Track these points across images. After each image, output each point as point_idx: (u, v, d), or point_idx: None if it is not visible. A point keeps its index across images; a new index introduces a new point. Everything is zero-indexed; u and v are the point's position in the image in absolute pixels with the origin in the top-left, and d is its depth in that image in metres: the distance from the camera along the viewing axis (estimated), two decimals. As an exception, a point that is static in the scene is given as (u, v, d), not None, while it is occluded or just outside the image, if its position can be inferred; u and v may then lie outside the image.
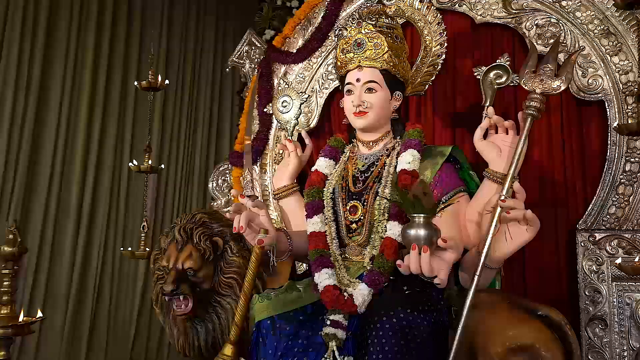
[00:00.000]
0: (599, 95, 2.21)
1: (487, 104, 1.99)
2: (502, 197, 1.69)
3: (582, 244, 2.16)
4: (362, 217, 1.95)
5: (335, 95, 2.92)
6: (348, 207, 1.99)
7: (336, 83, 2.85)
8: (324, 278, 1.86)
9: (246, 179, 2.33)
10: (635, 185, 2.12)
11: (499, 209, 1.69)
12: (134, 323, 4.44)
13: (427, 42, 2.18)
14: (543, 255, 2.26)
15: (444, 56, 2.16)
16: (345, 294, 1.81)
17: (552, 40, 2.30)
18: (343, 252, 1.99)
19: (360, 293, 1.79)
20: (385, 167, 1.98)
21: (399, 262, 1.62)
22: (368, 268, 1.89)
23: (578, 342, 1.73)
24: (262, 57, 3.17)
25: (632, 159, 2.13)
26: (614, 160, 2.16)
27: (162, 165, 2.62)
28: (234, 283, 1.98)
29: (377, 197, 1.93)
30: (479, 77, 2.06)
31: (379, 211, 1.91)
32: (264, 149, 2.99)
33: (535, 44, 2.33)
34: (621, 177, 2.15)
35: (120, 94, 4.43)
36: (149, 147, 2.53)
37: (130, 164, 2.51)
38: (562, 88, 1.78)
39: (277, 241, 1.93)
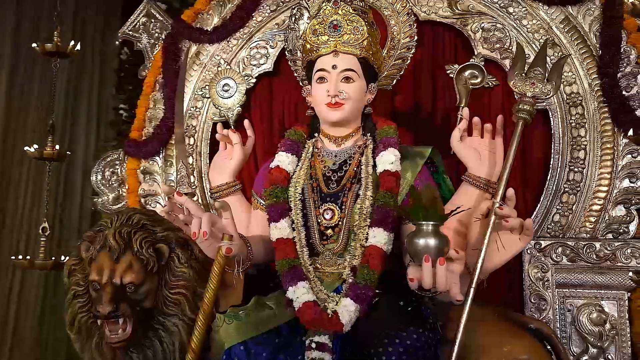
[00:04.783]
0: (543, 104, 2.24)
1: (462, 105, 1.89)
2: (498, 205, 1.59)
3: (527, 251, 2.15)
4: (339, 222, 1.71)
5: (256, 87, 2.63)
6: (322, 211, 1.74)
7: (261, 69, 2.58)
8: (301, 293, 1.59)
9: (180, 173, 1.95)
10: (578, 195, 2.16)
11: (493, 217, 1.59)
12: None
13: (395, 34, 2.02)
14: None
15: (413, 49, 2.01)
16: (329, 311, 1.57)
17: (497, 45, 2.29)
18: (314, 262, 1.73)
19: (346, 310, 1.56)
20: (362, 167, 1.76)
21: (410, 276, 1.43)
22: (349, 280, 1.66)
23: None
24: (165, 32, 2.76)
25: (575, 169, 2.18)
26: (557, 169, 2.19)
27: (69, 152, 2.09)
28: (181, 299, 1.63)
29: (358, 199, 1.71)
30: (452, 75, 1.95)
31: (360, 216, 1.69)
32: (169, 138, 2.60)
33: (482, 47, 2.30)
34: (565, 185, 2.18)
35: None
36: (52, 127, 1.99)
37: (27, 148, 1.94)
38: (552, 94, 1.73)
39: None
